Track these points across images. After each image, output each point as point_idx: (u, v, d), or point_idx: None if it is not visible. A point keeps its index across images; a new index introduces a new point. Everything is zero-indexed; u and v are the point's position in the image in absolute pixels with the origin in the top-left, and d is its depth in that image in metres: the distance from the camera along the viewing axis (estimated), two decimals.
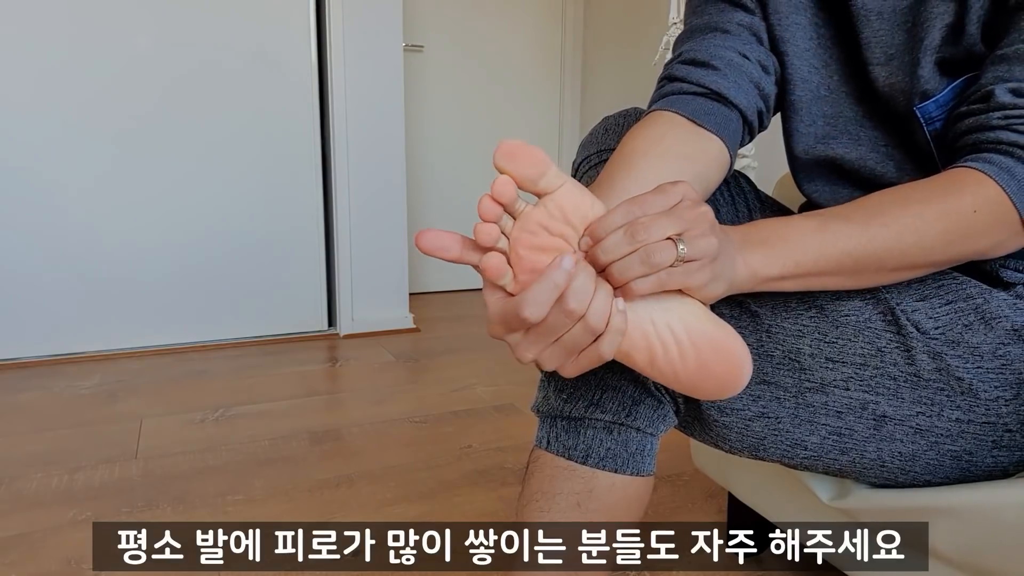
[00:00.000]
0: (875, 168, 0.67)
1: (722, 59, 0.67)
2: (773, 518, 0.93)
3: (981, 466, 0.62)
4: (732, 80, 0.67)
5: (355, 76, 2.32)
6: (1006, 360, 0.58)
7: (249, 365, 2.10)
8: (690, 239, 0.46)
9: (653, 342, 0.49)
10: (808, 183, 0.73)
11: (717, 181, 0.66)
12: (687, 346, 0.48)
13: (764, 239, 0.53)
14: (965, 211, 0.53)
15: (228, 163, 2.22)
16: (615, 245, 0.46)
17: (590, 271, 0.47)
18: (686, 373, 0.49)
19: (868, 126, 0.68)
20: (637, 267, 0.46)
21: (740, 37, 0.69)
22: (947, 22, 0.60)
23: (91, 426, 1.61)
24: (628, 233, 0.46)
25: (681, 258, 0.46)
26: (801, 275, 0.53)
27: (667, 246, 0.46)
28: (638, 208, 0.47)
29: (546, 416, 0.67)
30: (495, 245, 0.48)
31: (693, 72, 0.67)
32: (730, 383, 0.49)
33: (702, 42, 0.69)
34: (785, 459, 0.65)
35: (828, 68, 0.69)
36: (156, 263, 2.18)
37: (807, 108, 0.71)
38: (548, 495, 0.64)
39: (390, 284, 2.50)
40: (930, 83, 0.61)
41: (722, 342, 0.49)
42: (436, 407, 1.77)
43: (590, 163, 0.72)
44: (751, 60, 0.68)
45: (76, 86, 2.01)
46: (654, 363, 0.49)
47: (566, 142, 3.28)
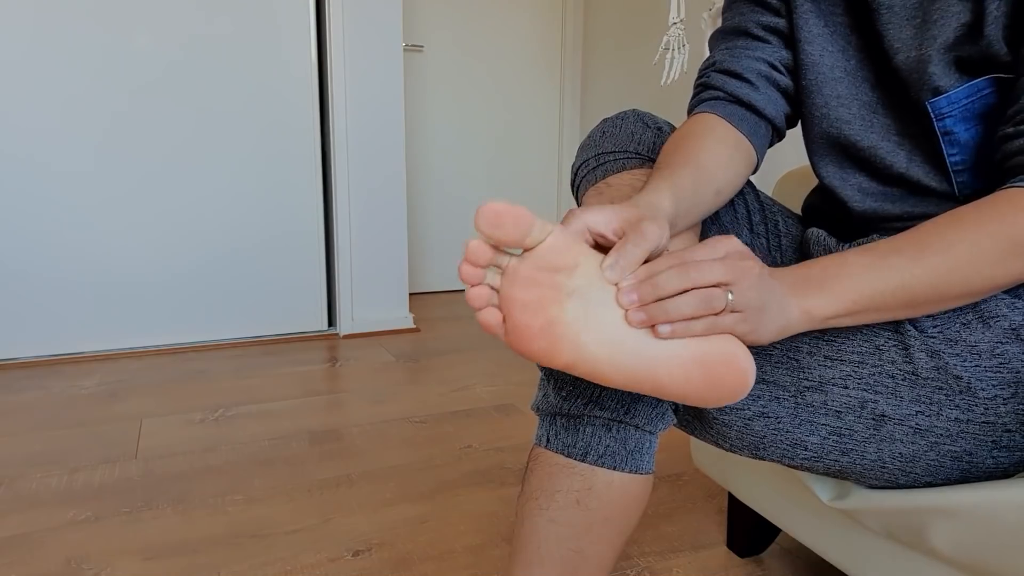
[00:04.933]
0: (885, 157, 0.67)
1: (753, 71, 0.73)
2: (773, 518, 0.93)
3: (981, 467, 0.62)
4: (763, 93, 0.73)
5: (355, 76, 2.32)
6: (1004, 359, 0.58)
7: (249, 365, 2.10)
8: (738, 290, 0.49)
9: (658, 370, 0.50)
10: (821, 167, 0.75)
11: (749, 174, 0.73)
12: (691, 367, 0.49)
13: (819, 280, 0.53)
14: (1021, 232, 0.52)
15: (228, 163, 2.22)
16: (669, 281, 0.48)
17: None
18: (694, 390, 0.50)
19: (881, 113, 0.68)
20: (694, 305, 0.48)
21: (769, 44, 0.74)
22: (963, 21, 0.59)
23: (91, 426, 1.61)
24: (681, 271, 0.48)
25: (729, 307, 0.48)
26: (858, 312, 0.54)
27: (719, 293, 0.48)
28: (686, 254, 0.50)
29: (546, 414, 0.67)
30: (489, 303, 0.50)
31: (728, 83, 0.73)
32: (736, 392, 0.50)
33: (734, 51, 0.75)
34: (785, 459, 0.65)
35: (845, 52, 0.70)
36: (156, 263, 2.18)
37: (819, 90, 0.72)
38: (548, 492, 0.64)
39: (390, 284, 2.50)
40: (941, 80, 0.61)
41: (729, 358, 0.49)
42: (436, 407, 1.77)
43: (588, 167, 0.72)
44: (778, 69, 0.74)
45: (74, 85, 2.01)
46: (660, 388, 0.50)
47: (566, 142, 3.28)
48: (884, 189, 0.69)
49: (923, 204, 0.66)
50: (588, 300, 0.49)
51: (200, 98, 2.15)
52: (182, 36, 2.10)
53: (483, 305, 0.49)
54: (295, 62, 2.25)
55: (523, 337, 0.49)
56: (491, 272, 0.50)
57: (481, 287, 0.49)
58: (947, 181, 0.64)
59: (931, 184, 0.65)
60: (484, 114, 3.11)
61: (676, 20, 2.04)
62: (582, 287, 0.49)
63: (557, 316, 0.49)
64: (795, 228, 0.79)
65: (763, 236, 0.76)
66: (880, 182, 0.69)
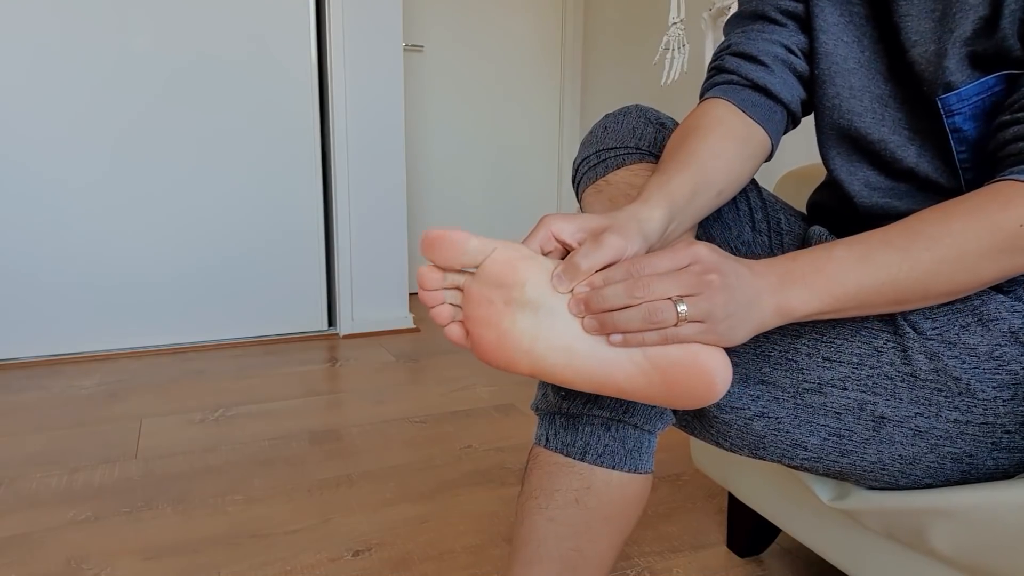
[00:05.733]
0: (895, 151, 0.67)
1: (768, 54, 0.71)
2: (773, 518, 0.93)
3: (981, 468, 0.61)
4: (778, 76, 0.71)
5: (355, 76, 2.32)
6: (1003, 361, 0.58)
7: (249, 365, 2.10)
8: (693, 302, 0.49)
9: (616, 376, 0.51)
10: (830, 158, 0.74)
11: (759, 165, 0.71)
12: (650, 371, 0.50)
13: (802, 275, 0.52)
14: (1011, 225, 0.50)
15: (228, 163, 2.22)
16: (613, 295, 0.50)
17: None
18: (658, 393, 0.51)
19: (893, 106, 0.67)
20: (638, 322, 0.49)
21: (786, 28, 0.72)
22: (981, 15, 0.58)
23: (91, 426, 1.62)
24: (627, 287, 0.49)
25: (683, 318, 0.49)
26: (841, 308, 0.53)
27: (666, 305, 0.49)
28: (640, 267, 0.50)
29: (545, 413, 0.67)
30: (452, 319, 0.54)
31: (743, 66, 0.71)
32: (704, 396, 0.50)
33: (750, 34, 0.73)
34: (785, 459, 0.65)
35: (860, 43, 0.69)
36: (156, 263, 2.18)
37: (831, 80, 0.71)
38: (547, 491, 0.64)
39: (390, 284, 2.50)
40: (955, 75, 0.60)
41: (688, 360, 0.50)
42: (436, 407, 1.77)
43: (589, 163, 0.72)
44: (795, 53, 0.72)
45: (76, 86, 2.01)
46: (623, 391, 0.52)
47: (566, 142, 3.28)
48: (892, 184, 0.68)
49: (930, 201, 0.65)
50: (540, 310, 0.51)
51: (200, 99, 2.15)
52: (183, 39, 2.10)
53: (446, 322, 0.54)
54: (295, 62, 2.25)
55: (484, 350, 0.53)
56: (452, 292, 0.54)
57: (442, 307, 0.54)
58: (956, 178, 0.63)
59: (940, 180, 0.64)
60: (484, 114, 3.11)
61: (676, 20, 2.04)
62: (535, 298, 0.51)
63: (509, 328, 0.52)
64: (797, 226, 0.79)
65: (765, 234, 0.76)
66: (888, 176, 0.69)
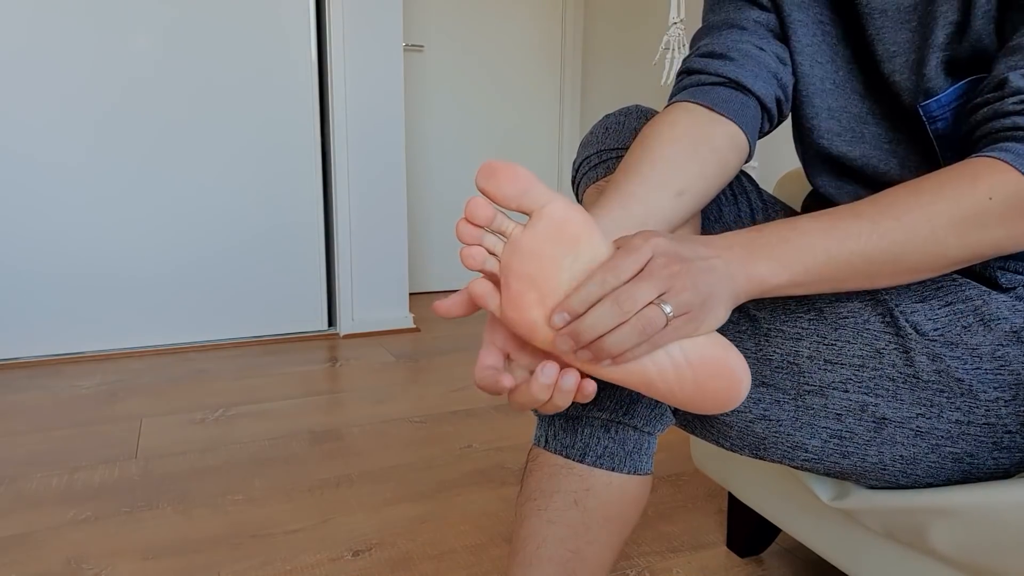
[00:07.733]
0: (878, 166, 0.67)
1: (739, 51, 0.68)
2: (773, 518, 0.93)
3: (982, 468, 0.61)
4: (749, 69, 0.67)
5: (355, 76, 2.32)
6: (1004, 361, 0.58)
7: (249, 365, 2.10)
8: (672, 297, 0.46)
9: (649, 369, 0.48)
10: (816, 176, 0.73)
11: (736, 163, 0.66)
12: (685, 370, 0.48)
13: (768, 244, 0.51)
14: (979, 198, 0.50)
15: (228, 163, 2.22)
16: (602, 318, 0.45)
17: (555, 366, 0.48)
18: (684, 395, 0.49)
19: (871, 123, 0.68)
20: (634, 338, 0.46)
21: (757, 33, 0.70)
22: (951, 20, 0.59)
23: (91, 426, 1.61)
24: (615, 304, 0.45)
25: (669, 318, 0.46)
26: (812, 281, 0.52)
27: (655, 312, 0.45)
28: (612, 276, 0.46)
29: (544, 414, 0.67)
30: (484, 267, 0.48)
31: (711, 63, 0.68)
32: (728, 400, 0.49)
33: (719, 36, 0.70)
34: (786, 460, 0.65)
35: (834, 63, 0.69)
36: (156, 263, 2.18)
37: (810, 102, 0.70)
38: (546, 493, 0.64)
39: (390, 284, 2.50)
40: (934, 82, 0.61)
41: (721, 362, 0.48)
42: (436, 407, 1.76)
43: (590, 163, 0.72)
44: (768, 52, 0.69)
45: (74, 83, 2.01)
46: (651, 388, 0.49)
47: (566, 142, 3.28)
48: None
49: None
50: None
51: (199, 98, 2.15)
52: (182, 36, 2.10)
53: (477, 266, 0.48)
54: (295, 62, 2.25)
55: (517, 307, 0.48)
56: (493, 238, 0.48)
57: (478, 247, 0.47)
58: None
59: None
60: (484, 114, 3.11)
61: (676, 20, 2.04)
62: (582, 270, 0.47)
63: (554, 290, 0.47)
64: None
65: None
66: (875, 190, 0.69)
